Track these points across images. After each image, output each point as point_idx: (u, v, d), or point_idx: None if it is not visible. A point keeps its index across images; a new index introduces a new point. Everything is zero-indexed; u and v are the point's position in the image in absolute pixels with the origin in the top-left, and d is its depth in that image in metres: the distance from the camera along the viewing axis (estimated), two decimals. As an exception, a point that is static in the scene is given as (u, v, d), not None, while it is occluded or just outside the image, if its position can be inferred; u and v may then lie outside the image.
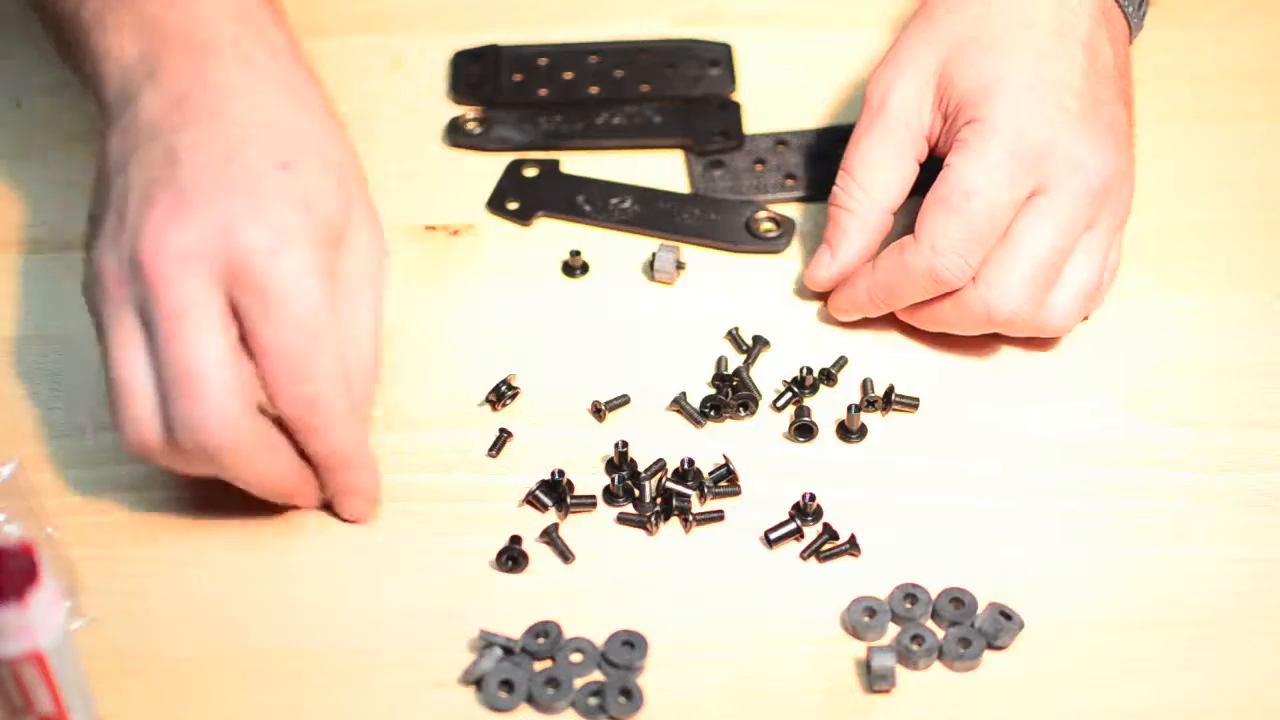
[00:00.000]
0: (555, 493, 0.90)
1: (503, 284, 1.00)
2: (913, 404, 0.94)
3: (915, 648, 0.85)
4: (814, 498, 0.89)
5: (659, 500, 0.90)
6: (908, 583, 0.87)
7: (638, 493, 0.90)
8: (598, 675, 0.84)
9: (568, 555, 0.89)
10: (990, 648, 0.85)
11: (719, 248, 1.02)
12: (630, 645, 0.84)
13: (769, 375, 0.96)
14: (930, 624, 0.86)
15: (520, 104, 1.09)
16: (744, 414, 0.94)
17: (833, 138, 1.06)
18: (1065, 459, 0.92)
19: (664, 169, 1.06)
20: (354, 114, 0.95)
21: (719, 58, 1.11)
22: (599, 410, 0.94)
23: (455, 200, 1.04)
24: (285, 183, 0.85)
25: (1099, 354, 0.96)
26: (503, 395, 0.94)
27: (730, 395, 0.94)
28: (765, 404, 0.95)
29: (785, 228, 1.02)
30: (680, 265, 1.00)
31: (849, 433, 0.93)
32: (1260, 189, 1.05)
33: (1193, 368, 0.96)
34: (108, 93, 0.89)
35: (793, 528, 0.89)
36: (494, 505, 0.90)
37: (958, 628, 0.85)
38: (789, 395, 0.95)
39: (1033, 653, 0.85)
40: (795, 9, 1.14)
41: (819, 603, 0.87)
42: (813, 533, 0.89)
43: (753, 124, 1.08)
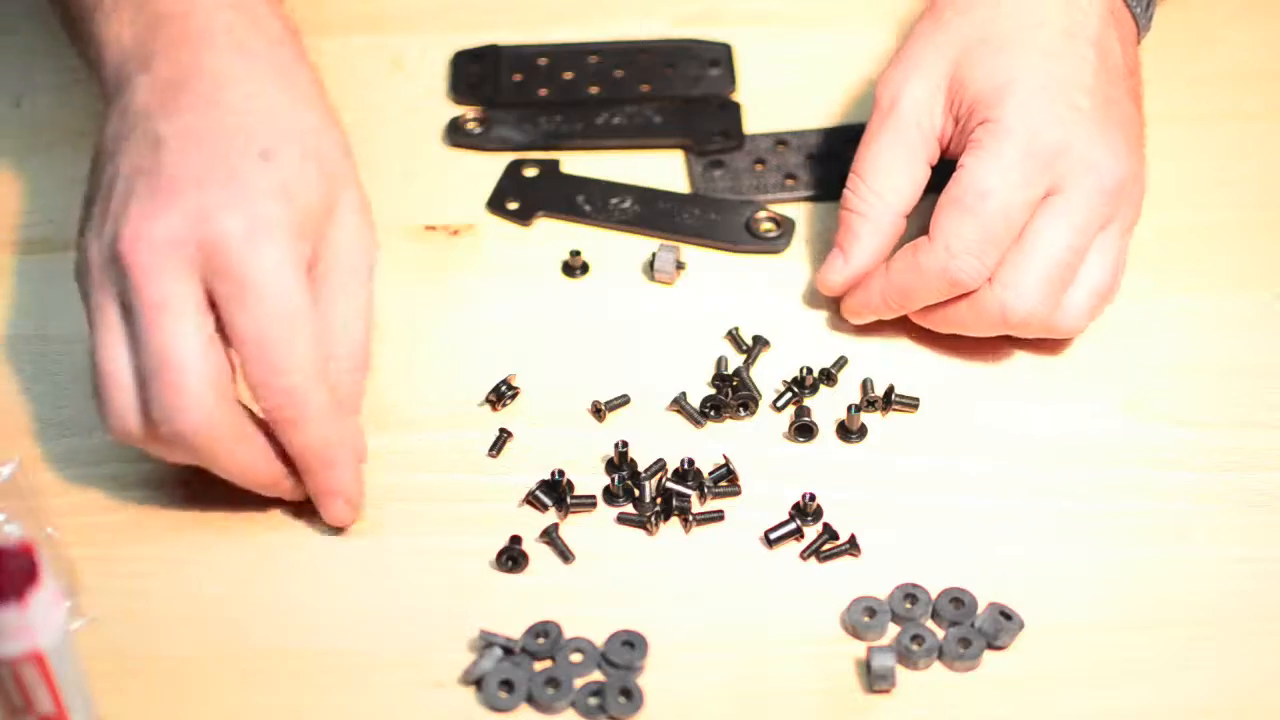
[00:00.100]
0: (555, 493, 0.90)
1: (503, 284, 1.00)
2: (913, 404, 0.94)
3: (915, 648, 0.85)
4: (814, 498, 0.89)
5: (659, 500, 0.90)
6: (908, 583, 0.87)
7: (638, 493, 0.90)
8: (598, 675, 0.84)
9: (568, 555, 0.89)
10: (990, 648, 0.85)
11: (719, 248, 1.02)
12: (630, 645, 0.84)
13: (769, 375, 0.96)
14: (930, 624, 0.86)
15: (520, 104, 1.09)
16: (744, 414, 0.94)
17: (834, 138, 1.06)
18: (1065, 459, 0.92)
19: (664, 169, 1.06)
20: (354, 114, 0.95)
21: (719, 58, 1.11)
22: (599, 410, 0.94)
23: (455, 200, 1.04)
24: (265, 171, 0.84)
25: (1099, 354, 0.96)
26: (503, 395, 0.94)
27: (730, 395, 0.94)
28: (765, 404, 0.94)
29: (785, 228, 1.02)
30: (680, 265, 1.00)
31: (849, 433, 0.93)
32: (1260, 189, 1.05)
33: (1193, 368, 0.96)
34: (106, 77, 0.89)
35: (793, 528, 0.89)
36: (494, 505, 0.90)
37: (958, 628, 0.85)
38: (789, 395, 0.95)
39: (1033, 653, 0.85)
40: (795, 9, 1.14)
41: (819, 603, 0.87)
42: (813, 533, 0.89)
43: (753, 124, 1.08)
